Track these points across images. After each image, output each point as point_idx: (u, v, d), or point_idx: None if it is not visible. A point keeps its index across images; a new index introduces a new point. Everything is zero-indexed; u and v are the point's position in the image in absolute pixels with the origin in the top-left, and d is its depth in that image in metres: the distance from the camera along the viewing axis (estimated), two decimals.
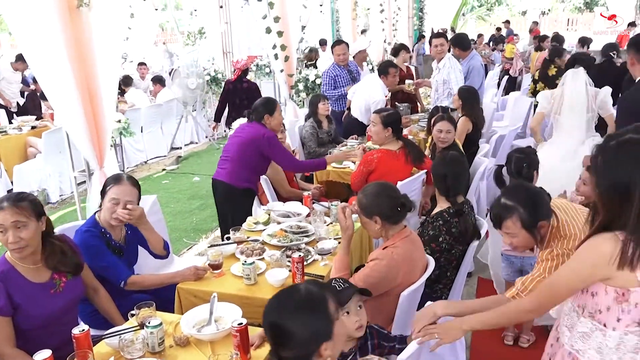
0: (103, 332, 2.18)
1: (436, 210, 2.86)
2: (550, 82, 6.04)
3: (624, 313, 1.48)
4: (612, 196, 1.46)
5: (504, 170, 3.19)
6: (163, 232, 3.56)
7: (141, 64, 10.14)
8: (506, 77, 10.63)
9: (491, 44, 13.90)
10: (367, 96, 5.39)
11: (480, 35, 14.36)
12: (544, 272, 2.03)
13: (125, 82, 8.14)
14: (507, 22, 12.78)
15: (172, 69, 8.71)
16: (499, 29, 16.58)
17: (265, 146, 3.62)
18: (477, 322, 1.83)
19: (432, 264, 2.46)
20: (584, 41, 8.73)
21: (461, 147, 4.21)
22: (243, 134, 3.74)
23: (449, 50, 5.70)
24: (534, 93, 6.20)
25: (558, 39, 9.36)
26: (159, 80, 8.67)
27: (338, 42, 6.34)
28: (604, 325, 1.52)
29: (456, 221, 2.75)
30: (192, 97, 8.22)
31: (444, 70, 5.51)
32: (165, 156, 8.25)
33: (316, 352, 1.46)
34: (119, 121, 5.52)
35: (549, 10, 28.70)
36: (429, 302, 2.25)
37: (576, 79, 4.31)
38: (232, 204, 3.71)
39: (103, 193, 2.65)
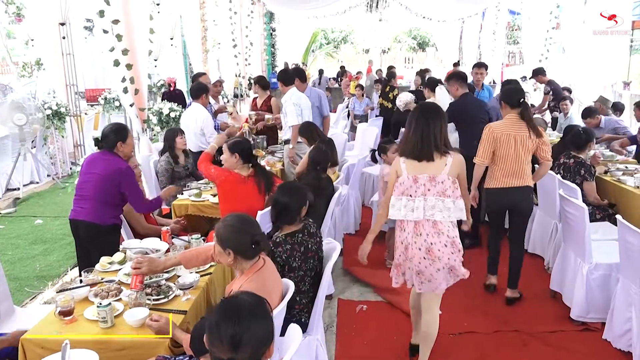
0: None
1: (285, 231, 2.94)
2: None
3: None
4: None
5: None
6: (1, 281, 3.22)
7: None
8: None
9: (339, 79, 14.99)
10: (193, 122, 5.68)
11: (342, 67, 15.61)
12: None
13: None
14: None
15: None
16: (342, 67, 17.94)
17: (122, 181, 3.55)
18: None
19: (292, 287, 2.55)
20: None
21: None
22: (98, 169, 3.56)
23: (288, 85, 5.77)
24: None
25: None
26: None
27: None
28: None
29: (305, 239, 2.91)
30: (29, 133, 7.52)
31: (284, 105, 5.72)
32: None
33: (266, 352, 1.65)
34: None
35: (388, 49, 31.48)
36: (292, 325, 2.33)
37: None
38: (99, 243, 3.53)
39: None
